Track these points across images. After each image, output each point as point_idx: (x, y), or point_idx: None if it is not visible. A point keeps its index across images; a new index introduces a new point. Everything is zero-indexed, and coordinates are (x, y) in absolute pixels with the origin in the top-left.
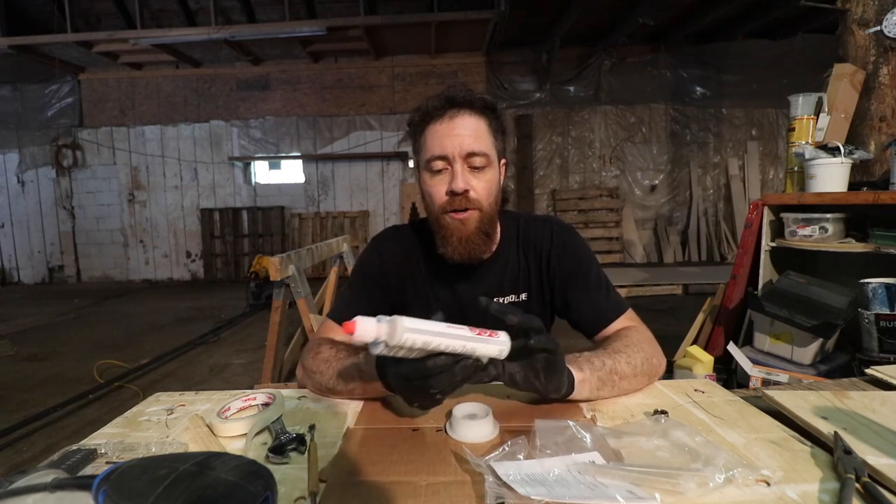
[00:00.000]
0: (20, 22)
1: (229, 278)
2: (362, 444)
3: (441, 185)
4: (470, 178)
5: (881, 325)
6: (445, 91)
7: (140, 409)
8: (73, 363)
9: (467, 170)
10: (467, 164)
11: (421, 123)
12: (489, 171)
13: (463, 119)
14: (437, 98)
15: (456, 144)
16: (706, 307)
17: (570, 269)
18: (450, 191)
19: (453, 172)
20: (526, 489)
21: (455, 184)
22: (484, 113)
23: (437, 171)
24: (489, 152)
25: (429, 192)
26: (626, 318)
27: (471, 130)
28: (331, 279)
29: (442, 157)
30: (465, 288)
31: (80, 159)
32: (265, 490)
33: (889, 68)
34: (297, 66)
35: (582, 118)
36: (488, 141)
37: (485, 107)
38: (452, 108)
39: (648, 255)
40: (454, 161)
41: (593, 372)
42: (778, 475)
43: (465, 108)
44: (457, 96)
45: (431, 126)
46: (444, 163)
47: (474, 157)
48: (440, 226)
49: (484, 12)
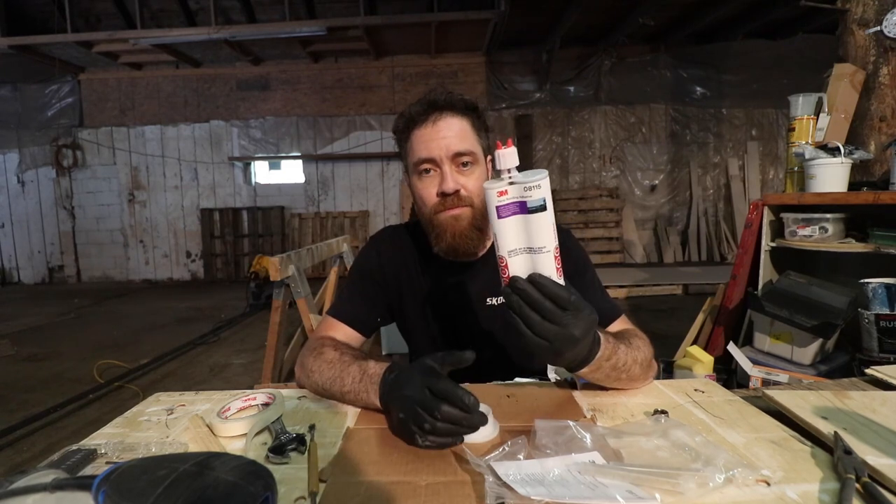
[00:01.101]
0: (20, 22)
1: (229, 278)
2: (362, 444)
3: (431, 188)
4: (459, 177)
5: (881, 325)
6: (426, 95)
7: (140, 409)
8: (73, 363)
9: (455, 170)
10: (455, 164)
11: (406, 129)
12: (477, 169)
13: (446, 121)
14: (419, 103)
15: (442, 146)
16: (706, 307)
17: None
18: (441, 192)
19: (442, 174)
20: (526, 489)
21: (445, 185)
22: (466, 113)
23: (426, 174)
24: (475, 150)
25: (420, 194)
26: (622, 321)
27: (455, 132)
28: (331, 279)
29: (429, 159)
30: (460, 286)
31: (80, 159)
32: (265, 490)
33: (889, 68)
34: (297, 66)
35: (582, 118)
36: (473, 139)
37: (466, 107)
38: (435, 112)
39: (648, 255)
40: (442, 163)
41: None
42: (778, 475)
43: (448, 111)
44: (438, 99)
45: (416, 131)
46: (432, 165)
47: (461, 156)
48: (433, 225)
49: (484, 12)
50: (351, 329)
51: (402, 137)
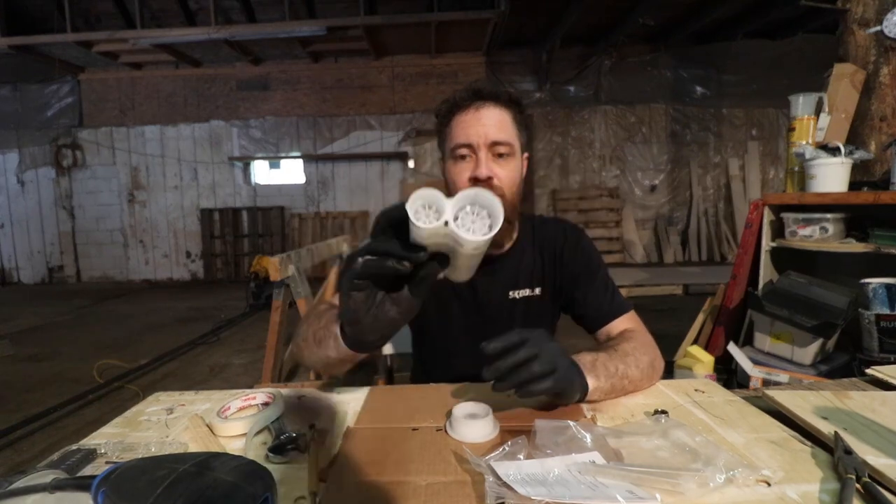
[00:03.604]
0: (20, 22)
1: (229, 278)
2: (362, 444)
3: (465, 173)
4: (494, 165)
5: (881, 325)
6: (472, 84)
7: (140, 409)
8: (73, 363)
9: (491, 158)
10: (492, 152)
11: (448, 114)
12: (512, 161)
13: (488, 110)
14: (464, 90)
15: (481, 133)
16: (706, 307)
17: (581, 267)
18: (473, 177)
19: (477, 160)
20: (526, 489)
21: (479, 171)
22: (509, 106)
23: (461, 159)
24: (513, 142)
25: (452, 179)
26: (629, 318)
27: (495, 121)
28: (331, 279)
29: (467, 144)
30: (483, 281)
31: (79, 159)
32: (265, 490)
33: (889, 68)
34: (297, 66)
35: (582, 118)
36: (512, 132)
37: (510, 100)
38: (479, 100)
39: (648, 255)
40: (479, 149)
41: (608, 379)
42: (778, 475)
43: (491, 101)
44: (483, 89)
45: (458, 116)
46: (469, 150)
47: (498, 145)
48: None
49: (484, 12)
50: None
51: (443, 122)
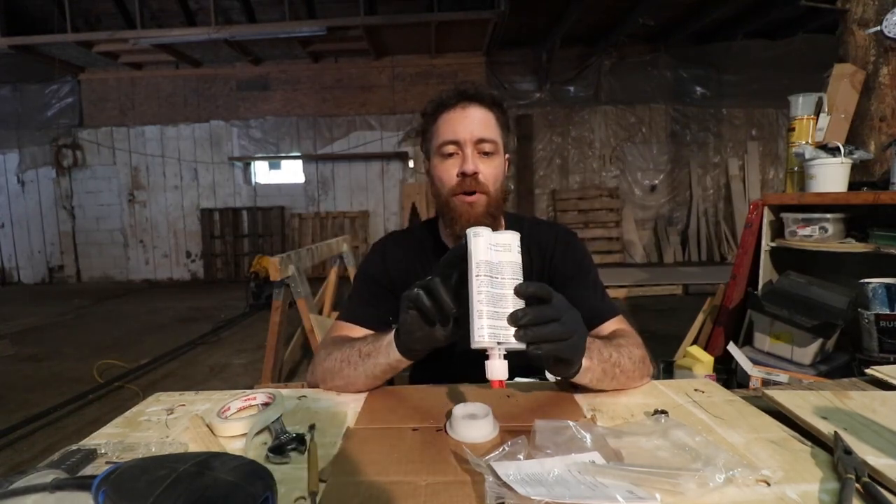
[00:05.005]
0: (20, 22)
1: (229, 278)
2: (362, 444)
3: (452, 168)
4: (479, 162)
5: (881, 325)
6: (457, 85)
7: (140, 409)
8: (73, 363)
9: (477, 155)
10: (477, 149)
11: (434, 112)
12: (497, 158)
13: (474, 110)
14: (449, 91)
15: (467, 130)
16: (706, 307)
17: (572, 269)
18: (460, 172)
19: (464, 156)
20: (526, 489)
21: (466, 166)
22: (492, 107)
23: (448, 156)
24: (497, 140)
25: (439, 175)
26: (619, 321)
27: (481, 120)
28: (331, 279)
29: (454, 141)
30: None
31: (80, 159)
32: (265, 490)
33: (889, 68)
34: (297, 66)
35: (582, 118)
36: (496, 131)
37: (493, 102)
38: (464, 100)
39: (648, 255)
40: (465, 145)
41: (601, 363)
42: (778, 475)
43: (476, 101)
44: (468, 90)
45: (444, 114)
46: (456, 147)
47: (484, 143)
48: (449, 208)
49: (484, 12)
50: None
51: (430, 120)
